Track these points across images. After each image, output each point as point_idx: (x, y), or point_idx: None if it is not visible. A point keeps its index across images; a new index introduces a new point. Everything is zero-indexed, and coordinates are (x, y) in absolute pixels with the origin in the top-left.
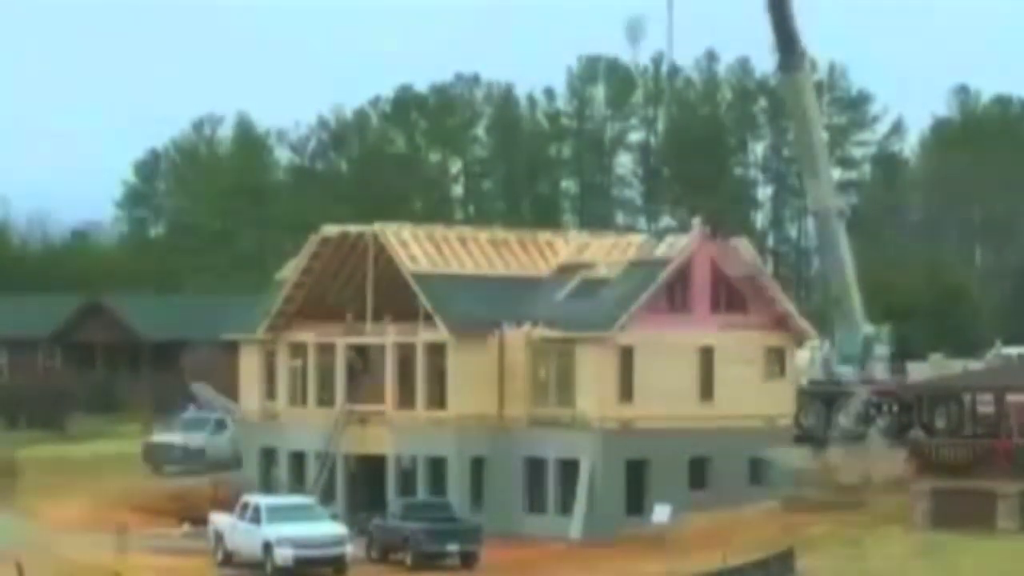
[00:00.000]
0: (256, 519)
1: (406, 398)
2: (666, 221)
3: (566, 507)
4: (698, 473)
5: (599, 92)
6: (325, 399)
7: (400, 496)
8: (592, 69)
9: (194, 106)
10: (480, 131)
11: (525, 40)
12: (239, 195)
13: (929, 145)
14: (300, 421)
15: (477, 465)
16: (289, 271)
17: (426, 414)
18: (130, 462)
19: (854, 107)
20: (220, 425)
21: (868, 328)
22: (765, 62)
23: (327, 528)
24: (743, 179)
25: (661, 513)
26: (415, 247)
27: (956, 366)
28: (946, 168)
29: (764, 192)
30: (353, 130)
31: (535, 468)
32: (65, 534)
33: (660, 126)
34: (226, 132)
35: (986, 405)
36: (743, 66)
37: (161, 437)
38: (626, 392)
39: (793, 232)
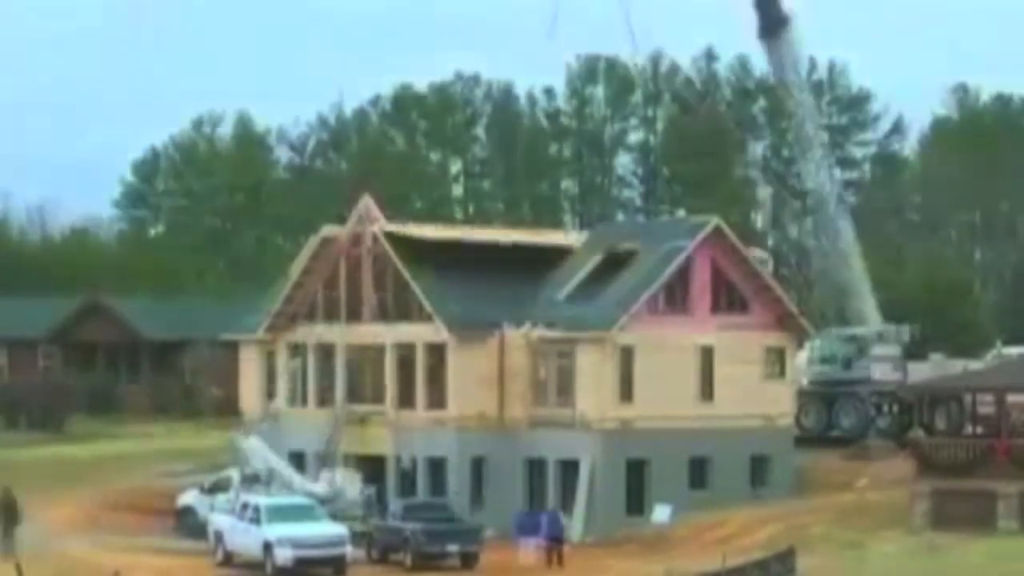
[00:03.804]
0: (256, 519)
1: (406, 398)
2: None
3: (566, 507)
4: (698, 473)
5: (599, 92)
6: (325, 399)
7: (400, 496)
8: (592, 69)
9: (194, 104)
10: (480, 131)
11: (525, 40)
12: (238, 194)
13: (929, 145)
14: (300, 421)
15: (477, 465)
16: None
17: (426, 414)
18: (130, 462)
19: (854, 107)
20: None
21: (880, 325)
22: (764, 61)
23: (327, 528)
24: (743, 179)
25: (661, 513)
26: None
27: (956, 366)
28: (946, 168)
29: (764, 192)
30: (353, 130)
31: (535, 468)
32: (65, 534)
33: (660, 126)
34: (226, 131)
35: (986, 405)
36: (742, 65)
37: None
38: (626, 392)
39: (793, 232)
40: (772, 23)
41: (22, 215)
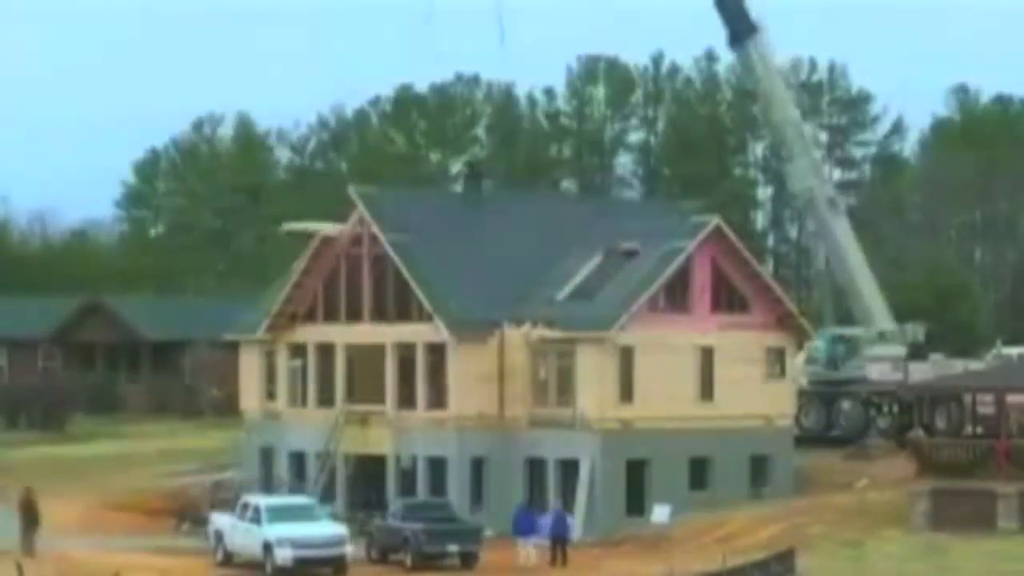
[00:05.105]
0: (256, 519)
1: (406, 398)
2: None
3: (566, 507)
4: (698, 473)
5: (599, 92)
6: (325, 399)
7: (400, 496)
8: (592, 69)
9: (194, 106)
10: (480, 131)
11: (525, 40)
12: (239, 195)
13: (929, 145)
14: (300, 421)
15: (477, 465)
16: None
17: (426, 414)
18: (130, 462)
19: (854, 107)
20: None
21: (888, 325)
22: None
23: (327, 528)
24: (743, 179)
25: (661, 513)
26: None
27: (956, 366)
28: (946, 168)
29: (764, 192)
30: (353, 130)
31: (535, 468)
32: (65, 534)
33: (660, 126)
34: (226, 131)
35: (986, 405)
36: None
37: None
38: (626, 392)
39: (793, 232)
40: (740, 32)
41: (23, 218)
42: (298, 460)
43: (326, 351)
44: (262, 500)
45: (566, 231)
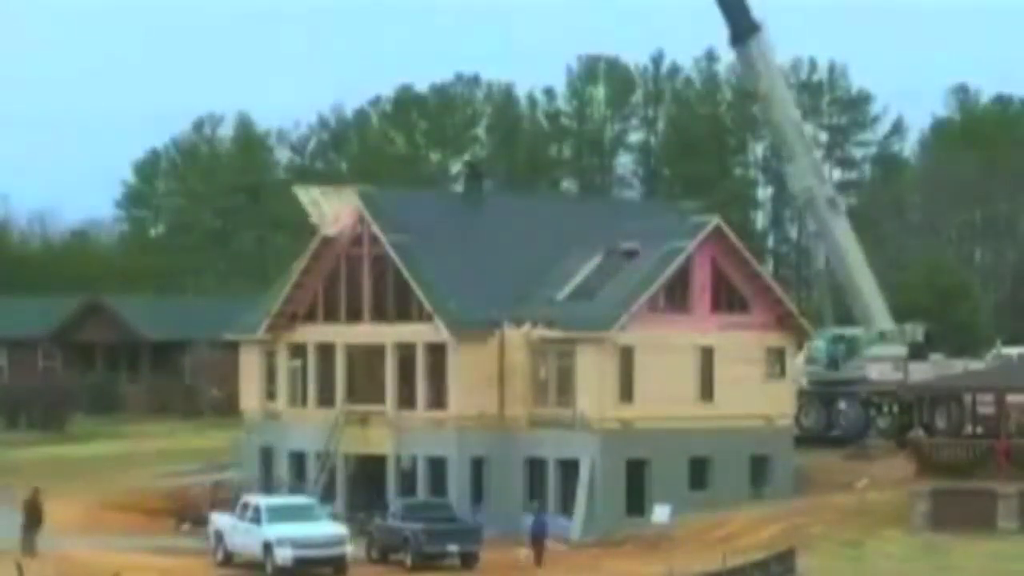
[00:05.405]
0: (256, 519)
1: (406, 398)
2: None
3: (566, 507)
4: (698, 473)
5: (599, 92)
6: (325, 399)
7: (400, 496)
8: (592, 69)
9: (194, 106)
10: (480, 131)
11: (525, 40)
12: (239, 195)
13: (929, 145)
14: (300, 421)
15: (477, 465)
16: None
17: (426, 414)
18: (130, 462)
19: (854, 107)
20: None
21: (888, 325)
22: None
23: (327, 528)
24: (743, 179)
25: (661, 513)
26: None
27: (956, 366)
28: (946, 168)
29: (764, 192)
30: (353, 130)
31: (535, 468)
32: (65, 534)
33: (660, 126)
34: (226, 132)
35: (986, 405)
36: None
37: None
38: (626, 392)
39: (793, 232)
40: (741, 30)
41: (23, 218)
42: (298, 460)
43: (326, 351)
44: (262, 500)
45: (566, 231)
